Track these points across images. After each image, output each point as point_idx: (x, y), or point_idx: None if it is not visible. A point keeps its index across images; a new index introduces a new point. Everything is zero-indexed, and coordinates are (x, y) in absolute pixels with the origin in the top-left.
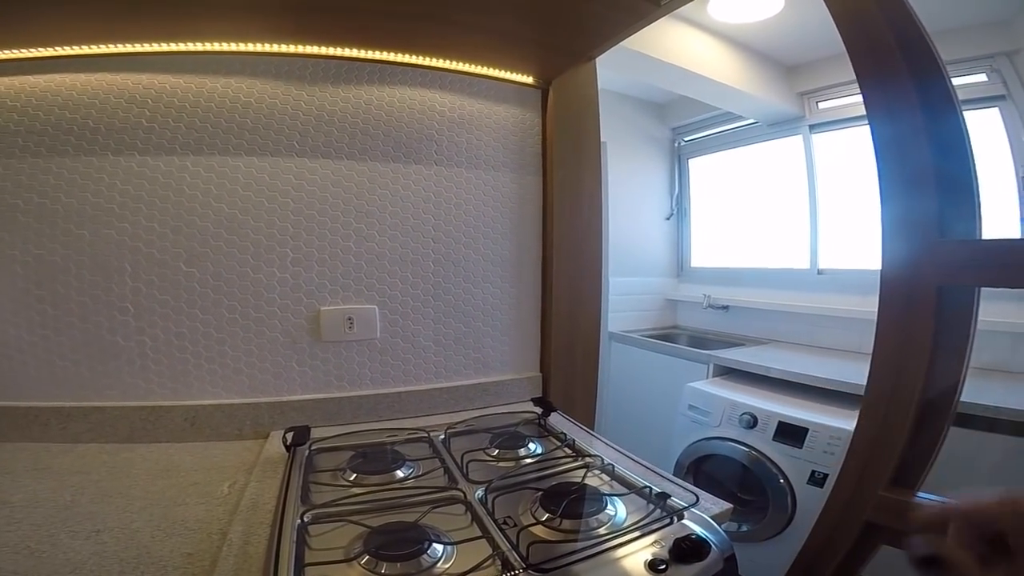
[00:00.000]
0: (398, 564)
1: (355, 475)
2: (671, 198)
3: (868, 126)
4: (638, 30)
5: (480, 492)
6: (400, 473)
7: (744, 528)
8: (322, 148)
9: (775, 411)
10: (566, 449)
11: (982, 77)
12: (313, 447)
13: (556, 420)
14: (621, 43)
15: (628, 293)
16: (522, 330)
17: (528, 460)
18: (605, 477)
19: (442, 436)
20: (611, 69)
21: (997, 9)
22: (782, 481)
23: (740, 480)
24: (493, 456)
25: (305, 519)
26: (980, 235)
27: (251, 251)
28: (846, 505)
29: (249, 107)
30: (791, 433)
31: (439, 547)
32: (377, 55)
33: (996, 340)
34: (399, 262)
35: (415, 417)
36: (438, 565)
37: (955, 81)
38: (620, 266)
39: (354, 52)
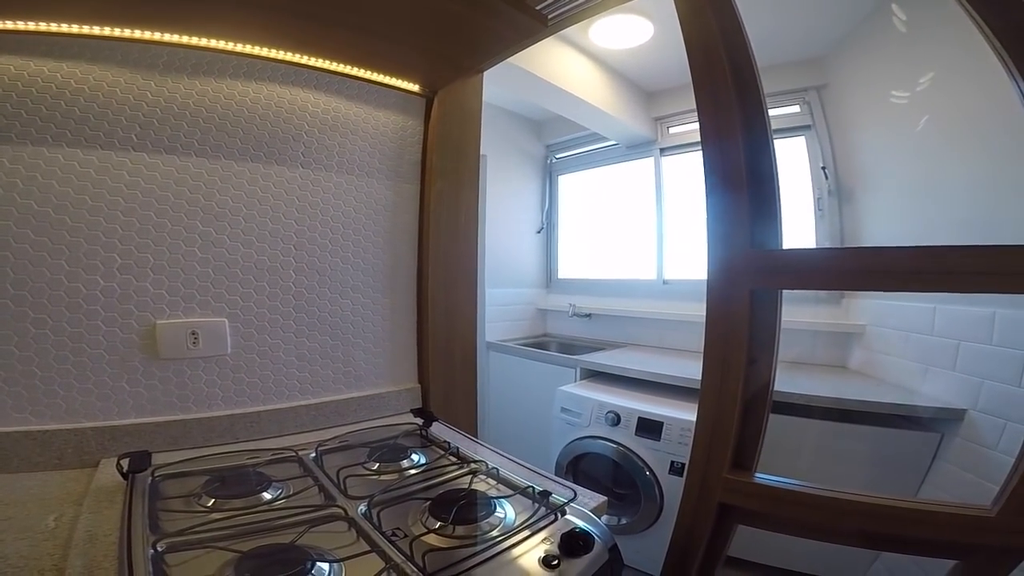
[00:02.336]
0: None
1: (213, 500)
2: (542, 212)
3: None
4: (525, 47)
5: (363, 507)
6: (267, 495)
7: (624, 521)
8: (166, 143)
9: (635, 408)
10: (451, 457)
11: (795, 108)
12: (157, 473)
13: (439, 430)
14: (509, 59)
15: (503, 304)
16: (397, 341)
17: (412, 471)
18: (492, 481)
19: (313, 454)
20: (495, 83)
21: (814, 46)
22: (648, 473)
23: (613, 475)
24: (374, 470)
25: (159, 548)
26: (781, 246)
27: (66, 255)
28: (700, 491)
29: (80, 94)
30: (650, 427)
31: (324, 566)
32: (247, 49)
33: (801, 338)
34: (254, 270)
35: (279, 437)
36: None
37: (772, 112)
38: (495, 277)
39: (220, 44)
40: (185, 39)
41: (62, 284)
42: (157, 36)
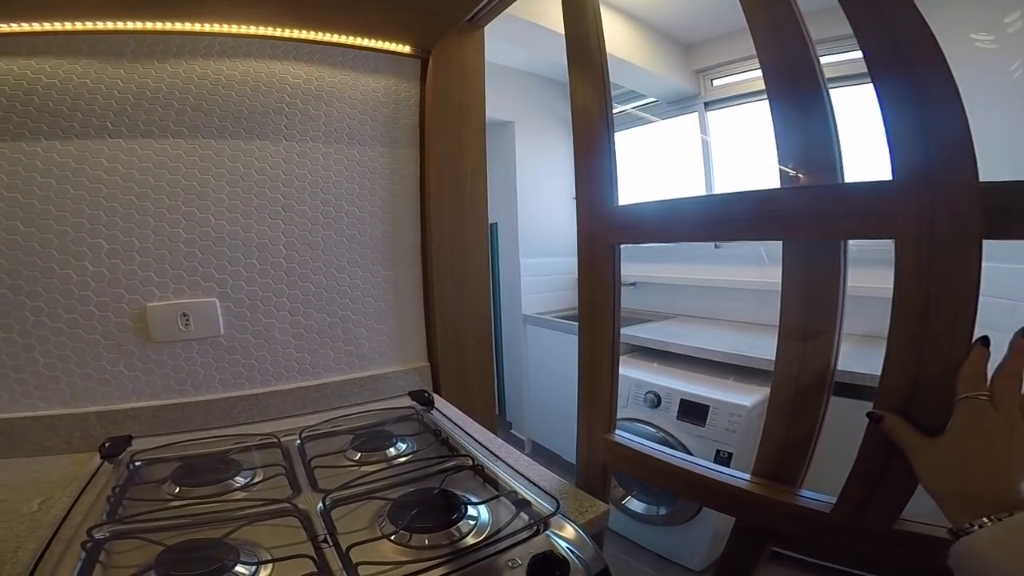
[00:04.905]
0: None
1: (178, 488)
2: None
3: (764, 103)
4: None
5: (321, 503)
6: (240, 482)
7: (662, 511)
8: (141, 127)
9: (677, 388)
10: (441, 447)
11: (859, 54)
12: (136, 458)
13: (441, 415)
14: (520, 16)
15: (540, 274)
16: (402, 317)
17: (395, 462)
18: (479, 479)
19: (298, 440)
20: (511, 43)
21: None
22: None
23: None
24: (355, 460)
25: (96, 535)
26: None
27: (55, 244)
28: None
29: (52, 88)
30: (693, 411)
31: (247, 568)
32: (215, 28)
33: (873, 307)
34: (242, 247)
35: (279, 420)
36: None
37: (835, 58)
38: (531, 247)
39: (186, 26)
40: (149, 25)
41: (54, 272)
42: (120, 26)
